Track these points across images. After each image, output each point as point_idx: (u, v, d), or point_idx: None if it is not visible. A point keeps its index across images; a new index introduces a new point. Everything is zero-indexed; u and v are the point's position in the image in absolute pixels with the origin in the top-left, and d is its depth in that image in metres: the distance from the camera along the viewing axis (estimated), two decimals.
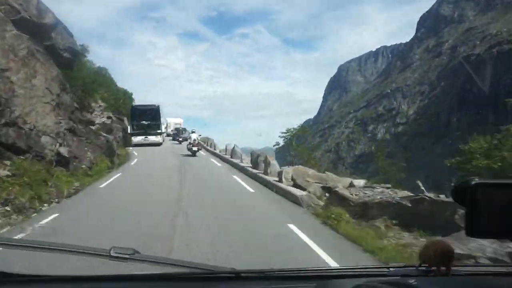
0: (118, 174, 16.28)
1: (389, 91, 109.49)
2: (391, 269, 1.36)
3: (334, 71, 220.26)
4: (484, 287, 1.08)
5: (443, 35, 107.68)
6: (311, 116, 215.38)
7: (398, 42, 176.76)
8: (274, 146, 33.18)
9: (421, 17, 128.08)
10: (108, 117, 28.60)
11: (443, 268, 1.19)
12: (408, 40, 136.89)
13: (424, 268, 1.27)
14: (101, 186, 13.23)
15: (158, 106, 34.26)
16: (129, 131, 32.26)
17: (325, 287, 1.25)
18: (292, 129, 32.62)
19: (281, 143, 32.76)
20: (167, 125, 52.07)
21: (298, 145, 31.36)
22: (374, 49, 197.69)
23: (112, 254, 1.26)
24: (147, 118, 32.66)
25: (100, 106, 29.45)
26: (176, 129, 46.56)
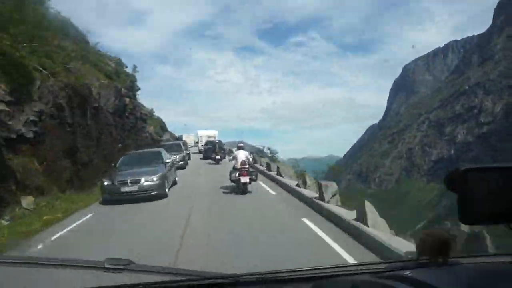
0: None
1: (467, 87, 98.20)
2: (388, 264, 1.37)
3: (397, 72, 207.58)
4: (481, 275, 1.04)
5: None
6: (375, 121, 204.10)
7: (470, 35, 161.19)
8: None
9: (498, 4, 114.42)
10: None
11: (441, 258, 1.17)
12: (483, 31, 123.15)
13: (422, 260, 1.24)
14: None
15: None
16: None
17: (323, 287, 1.24)
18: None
19: None
20: (198, 139, 43.45)
21: None
22: (442, 45, 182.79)
23: (107, 265, 1.25)
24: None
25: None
26: (210, 142, 32.26)
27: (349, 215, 7.41)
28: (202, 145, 36.78)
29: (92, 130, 16.53)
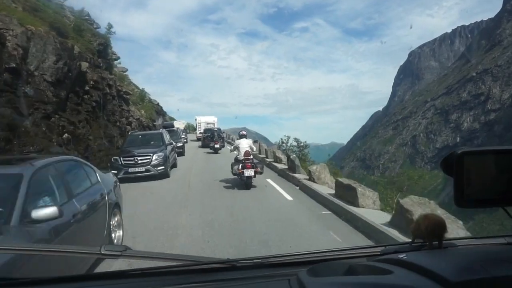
0: None
1: (474, 74, 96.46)
2: (384, 247, 1.36)
3: (402, 58, 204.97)
4: (475, 257, 1.05)
5: None
6: (379, 108, 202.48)
7: (479, 20, 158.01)
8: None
9: None
10: None
11: (435, 241, 1.19)
12: (493, 16, 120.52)
13: (417, 243, 1.27)
14: None
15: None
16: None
17: (319, 270, 1.21)
18: None
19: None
20: (196, 126, 41.99)
21: None
22: (449, 31, 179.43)
23: (103, 252, 1.24)
24: None
25: None
26: (209, 130, 30.63)
27: None
28: (200, 132, 35.20)
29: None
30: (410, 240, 1.35)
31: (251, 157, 10.75)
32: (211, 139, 25.68)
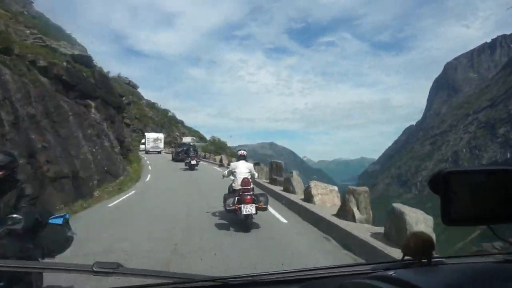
0: None
1: None
2: (375, 265, 1.38)
3: (435, 71, 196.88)
4: (463, 275, 1.06)
5: None
6: (412, 122, 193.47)
7: None
8: None
9: None
10: None
11: (424, 259, 1.20)
12: None
13: (406, 261, 1.28)
14: None
15: None
16: None
17: None
18: None
19: None
20: (146, 141, 44.96)
21: None
22: (489, 41, 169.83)
23: (95, 269, 1.22)
24: None
25: None
26: (184, 144, 31.66)
27: None
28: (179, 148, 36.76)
29: None
30: (400, 258, 1.33)
31: (252, 186, 8.17)
32: (187, 155, 23.45)
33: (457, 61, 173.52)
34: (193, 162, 22.10)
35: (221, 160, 25.27)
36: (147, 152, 42.08)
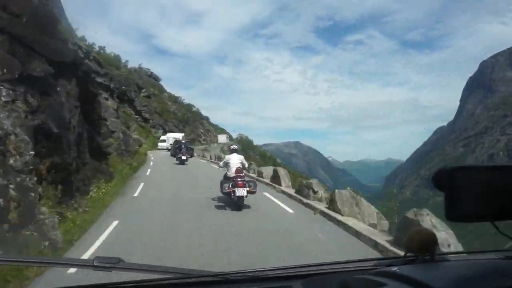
0: None
1: None
2: (378, 261, 1.38)
3: (469, 70, 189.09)
4: (466, 271, 1.06)
5: None
6: (444, 123, 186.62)
7: None
8: None
9: None
10: None
11: (427, 255, 1.20)
12: None
13: (409, 257, 1.28)
14: None
15: None
16: None
17: (313, 283, 1.24)
18: None
19: None
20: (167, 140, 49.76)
21: None
22: None
23: (96, 264, 1.23)
24: None
25: None
26: (178, 141, 34.80)
27: None
28: (170, 144, 43.03)
29: None
30: (403, 253, 1.33)
31: (243, 174, 10.15)
32: (179, 150, 26.63)
33: (494, 59, 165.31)
34: (184, 157, 25.04)
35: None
36: (168, 150, 43.83)
